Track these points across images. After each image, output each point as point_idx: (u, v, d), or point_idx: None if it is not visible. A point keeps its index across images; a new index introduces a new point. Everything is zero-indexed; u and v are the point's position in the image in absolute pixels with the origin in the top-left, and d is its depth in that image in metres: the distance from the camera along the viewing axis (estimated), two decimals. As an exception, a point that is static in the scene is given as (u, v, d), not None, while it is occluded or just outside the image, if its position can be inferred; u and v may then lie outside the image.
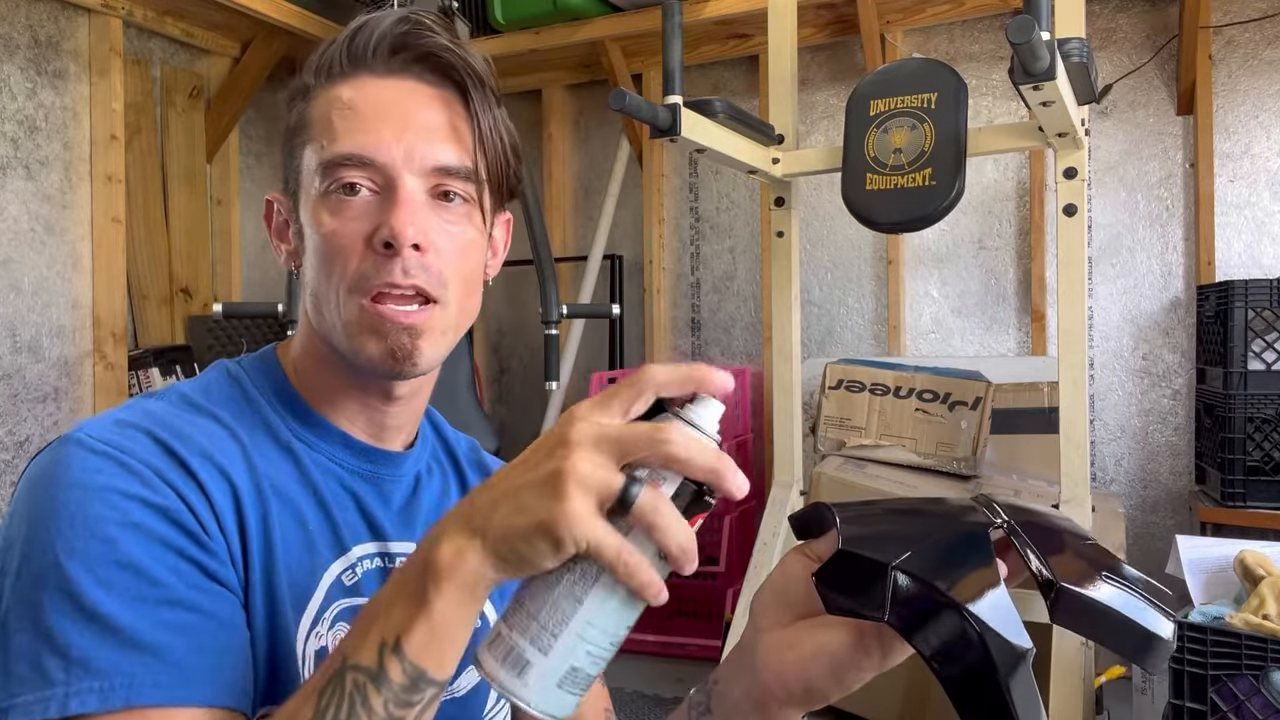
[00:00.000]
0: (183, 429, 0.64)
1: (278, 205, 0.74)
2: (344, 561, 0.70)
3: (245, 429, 0.68)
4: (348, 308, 0.66)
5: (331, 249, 0.67)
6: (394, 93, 0.69)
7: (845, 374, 2.63)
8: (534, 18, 3.16)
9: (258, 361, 0.74)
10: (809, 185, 3.28)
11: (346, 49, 0.70)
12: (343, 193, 0.66)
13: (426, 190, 0.67)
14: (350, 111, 0.67)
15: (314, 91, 0.70)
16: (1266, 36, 2.77)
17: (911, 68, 2.08)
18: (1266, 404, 2.35)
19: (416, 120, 0.68)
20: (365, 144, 0.66)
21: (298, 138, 0.70)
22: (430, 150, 0.67)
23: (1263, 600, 1.66)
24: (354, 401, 0.73)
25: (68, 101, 2.69)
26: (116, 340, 2.74)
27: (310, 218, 0.68)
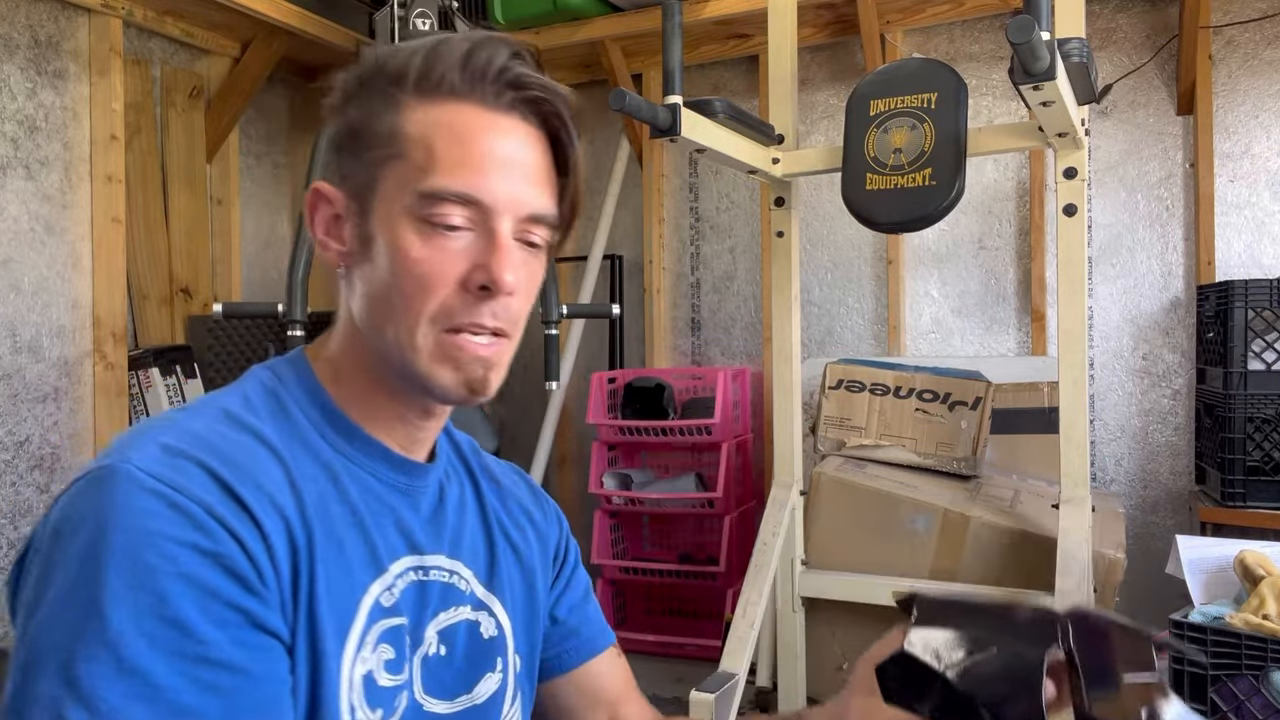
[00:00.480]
0: (231, 455, 0.63)
1: (330, 199, 0.72)
2: (382, 582, 0.69)
3: (286, 447, 0.67)
4: (426, 336, 0.67)
5: (420, 277, 0.67)
6: (504, 132, 0.69)
7: (845, 374, 2.63)
8: (534, 18, 3.16)
9: (292, 371, 0.73)
10: (809, 185, 3.28)
11: (460, 70, 0.68)
12: (440, 224, 0.67)
13: (515, 234, 0.69)
14: (460, 146, 0.67)
15: (406, 103, 0.69)
16: (1266, 36, 2.77)
17: (911, 68, 2.08)
18: (1266, 404, 2.35)
19: (521, 164, 0.69)
20: (476, 185, 0.67)
21: (381, 148, 0.68)
22: (528, 197, 0.69)
23: (1263, 600, 1.66)
24: (392, 415, 0.73)
25: (68, 101, 2.69)
26: (116, 340, 2.74)
27: (393, 237, 0.67)
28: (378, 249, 0.68)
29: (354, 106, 0.71)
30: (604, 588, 3.21)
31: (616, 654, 0.94)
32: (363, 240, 0.70)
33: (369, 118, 0.70)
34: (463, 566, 0.77)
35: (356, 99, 0.71)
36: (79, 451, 2.69)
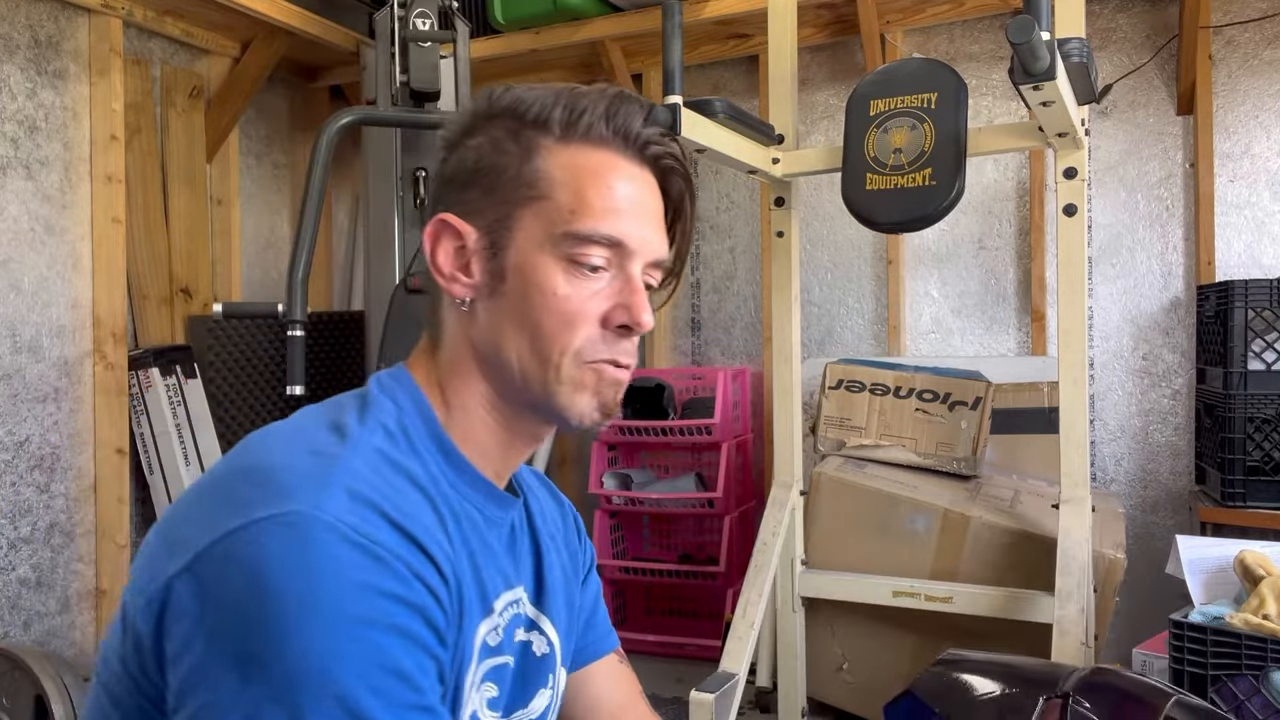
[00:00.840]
0: (403, 505, 0.64)
1: (460, 235, 0.74)
2: (489, 622, 0.72)
3: (430, 486, 0.69)
4: (566, 369, 0.71)
5: (567, 314, 0.70)
6: (640, 181, 0.74)
7: (845, 374, 2.63)
8: (534, 18, 3.16)
9: (411, 402, 0.74)
10: (809, 185, 3.28)
11: (606, 121, 0.73)
12: (584, 265, 0.71)
13: (641, 277, 0.74)
14: (608, 191, 0.72)
15: (549, 146, 0.72)
16: (1266, 36, 2.77)
17: (911, 68, 2.08)
18: (1266, 404, 2.35)
19: (654, 214, 0.75)
20: (623, 230, 0.71)
21: (521, 188, 0.72)
22: (657, 244, 0.75)
23: (1263, 600, 1.66)
24: (498, 444, 0.75)
25: (68, 101, 2.69)
26: (116, 340, 2.74)
27: (536, 274, 0.70)
28: (514, 285, 0.71)
29: (484, 145, 0.73)
30: (604, 588, 3.20)
31: (619, 660, 0.95)
32: (494, 275, 0.72)
33: (504, 157, 0.73)
34: (523, 593, 0.80)
35: (483, 136, 0.74)
36: (79, 451, 2.69)
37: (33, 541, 2.58)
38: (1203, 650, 1.65)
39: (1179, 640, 1.68)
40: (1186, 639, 1.67)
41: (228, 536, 0.59)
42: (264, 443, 0.67)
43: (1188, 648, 1.67)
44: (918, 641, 2.35)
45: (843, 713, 2.47)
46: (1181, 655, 1.67)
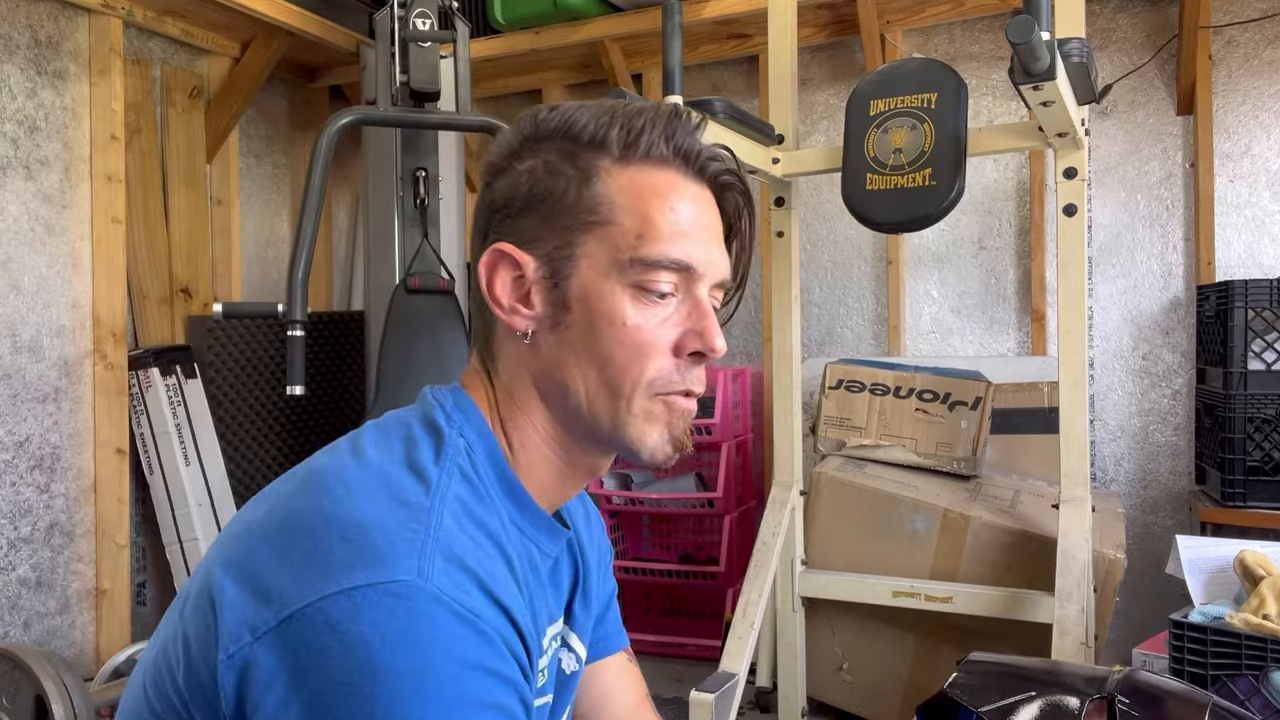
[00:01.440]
0: (492, 569, 0.62)
1: (518, 265, 0.70)
2: (540, 662, 0.71)
3: (504, 539, 0.67)
4: (640, 401, 0.68)
5: (639, 345, 0.68)
6: (705, 202, 0.72)
7: (845, 374, 2.63)
8: (534, 17, 3.16)
9: (478, 435, 0.71)
10: (809, 185, 3.28)
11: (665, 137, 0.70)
12: (653, 292, 0.68)
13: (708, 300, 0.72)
14: (673, 212, 0.69)
15: (608, 169, 0.69)
16: (1266, 36, 2.77)
17: (911, 68, 2.08)
18: (1266, 404, 2.35)
19: (716, 234, 0.73)
20: (692, 254, 0.69)
21: (582, 214, 0.69)
22: (721, 265, 0.72)
23: (1263, 600, 1.66)
24: (557, 477, 0.73)
25: (68, 101, 2.69)
26: (116, 340, 2.74)
27: (603, 304, 0.68)
28: (579, 315, 0.69)
29: (537, 169, 0.70)
30: (604, 588, 3.21)
31: (628, 659, 0.93)
32: (558, 306, 0.69)
33: (560, 181, 0.69)
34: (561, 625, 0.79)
35: (535, 159, 0.71)
36: (79, 451, 2.69)
37: (33, 541, 2.58)
38: (1203, 650, 1.65)
39: (1179, 640, 1.68)
40: (1186, 639, 1.67)
41: (324, 602, 0.56)
42: (345, 484, 0.63)
43: (1188, 648, 1.67)
44: (918, 641, 2.35)
45: (843, 713, 2.47)
46: (1181, 655, 1.67)
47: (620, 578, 3.19)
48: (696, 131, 0.72)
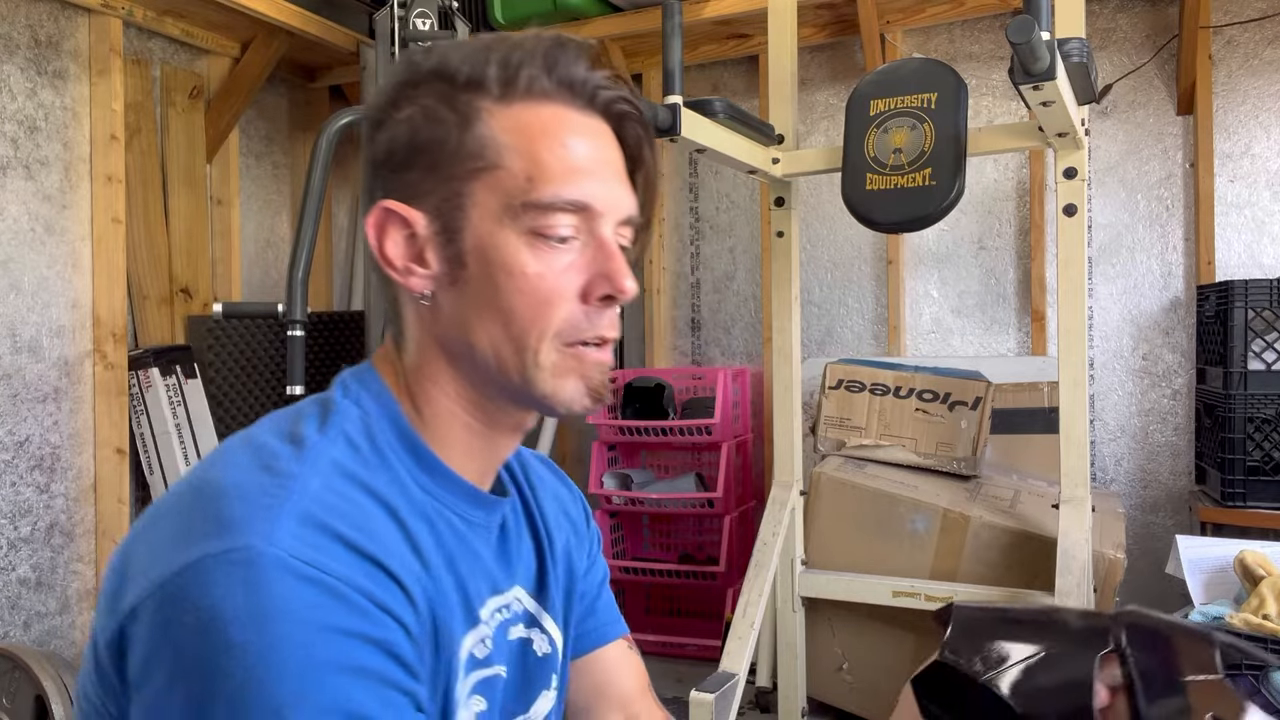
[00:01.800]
0: (363, 522, 0.59)
1: (408, 222, 0.67)
2: (475, 634, 0.68)
3: (396, 499, 0.64)
4: (548, 353, 0.65)
5: (541, 294, 0.64)
6: (601, 136, 0.68)
7: (845, 374, 2.63)
8: (534, 17, 3.16)
9: (378, 405, 0.68)
10: (809, 185, 3.28)
11: (546, 69, 0.66)
12: (552, 236, 0.64)
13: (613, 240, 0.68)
14: (564, 149, 0.65)
15: (490, 109, 0.65)
16: (1266, 36, 2.77)
17: (911, 68, 2.08)
18: (1266, 404, 2.35)
19: (616, 168, 0.68)
20: (589, 192, 0.65)
21: (467, 161, 0.65)
22: (625, 201, 0.68)
23: (1263, 600, 1.66)
24: (478, 440, 0.70)
25: (68, 101, 2.69)
26: (116, 340, 2.74)
27: (499, 255, 0.64)
28: (477, 269, 0.65)
29: (415, 117, 0.66)
30: (604, 588, 3.21)
31: (628, 646, 0.90)
32: (453, 262, 0.66)
33: (440, 128, 0.65)
34: (523, 593, 0.76)
35: (413, 107, 0.66)
36: (79, 451, 2.69)
37: (33, 541, 2.58)
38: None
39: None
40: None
41: (178, 575, 0.55)
42: (222, 459, 0.63)
43: (1188, 648, 1.67)
44: (918, 641, 2.35)
45: (843, 713, 2.47)
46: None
47: (620, 578, 3.19)
48: (581, 59, 0.67)
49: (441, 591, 0.64)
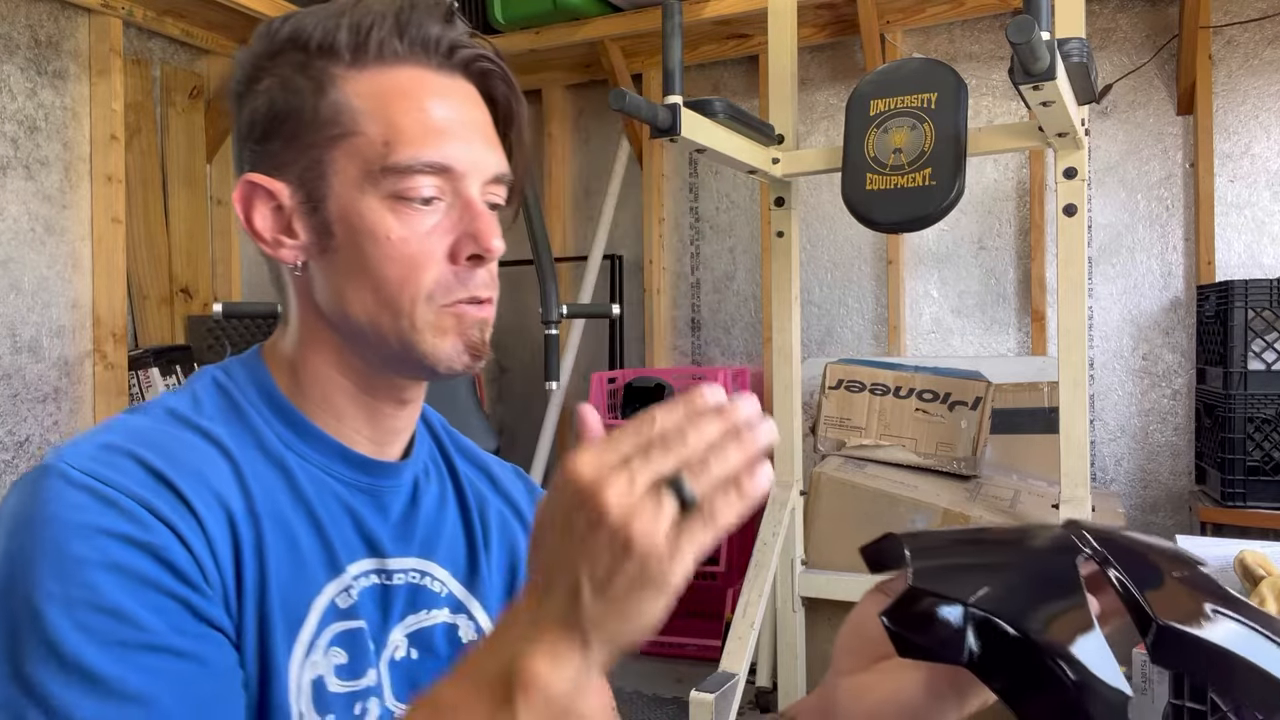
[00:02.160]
0: (172, 449, 0.61)
1: (273, 194, 0.67)
2: (339, 584, 0.67)
3: (236, 444, 0.65)
4: (423, 314, 0.65)
5: (408, 258, 0.64)
6: (459, 95, 0.67)
7: (845, 374, 2.63)
8: (534, 17, 3.16)
9: (244, 368, 0.71)
10: (809, 185, 3.28)
11: (397, 32, 0.65)
12: (414, 199, 0.64)
13: (481, 198, 0.67)
14: (420, 111, 0.64)
15: (343, 75, 0.65)
16: (1266, 36, 2.77)
17: (911, 68, 2.08)
18: (1266, 404, 2.35)
19: (479, 127, 0.67)
20: (445, 151, 0.64)
21: (324, 129, 0.65)
22: (490, 158, 0.67)
23: (1263, 600, 1.66)
24: (360, 408, 0.70)
25: (68, 101, 2.69)
26: (116, 340, 2.74)
27: (363, 221, 0.64)
28: (344, 237, 0.65)
29: (272, 87, 0.66)
30: (604, 588, 3.20)
31: None
32: (320, 231, 0.66)
33: (296, 96, 0.65)
34: (437, 568, 0.74)
35: (271, 78, 0.66)
36: (79, 451, 2.69)
37: (33, 541, 2.58)
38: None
39: (1179, 640, 1.68)
40: (1186, 639, 1.67)
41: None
42: None
43: (1188, 648, 1.67)
44: (918, 641, 2.35)
45: (843, 713, 2.47)
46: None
47: (620, 578, 3.19)
48: (433, 18, 0.66)
49: (285, 532, 0.64)
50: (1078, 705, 0.46)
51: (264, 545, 0.63)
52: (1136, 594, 0.52)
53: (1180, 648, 0.51)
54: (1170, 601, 0.52)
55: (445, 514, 0.77)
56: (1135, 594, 0.52)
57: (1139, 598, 0.51)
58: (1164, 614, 0.50)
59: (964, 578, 0.51)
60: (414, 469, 0.75)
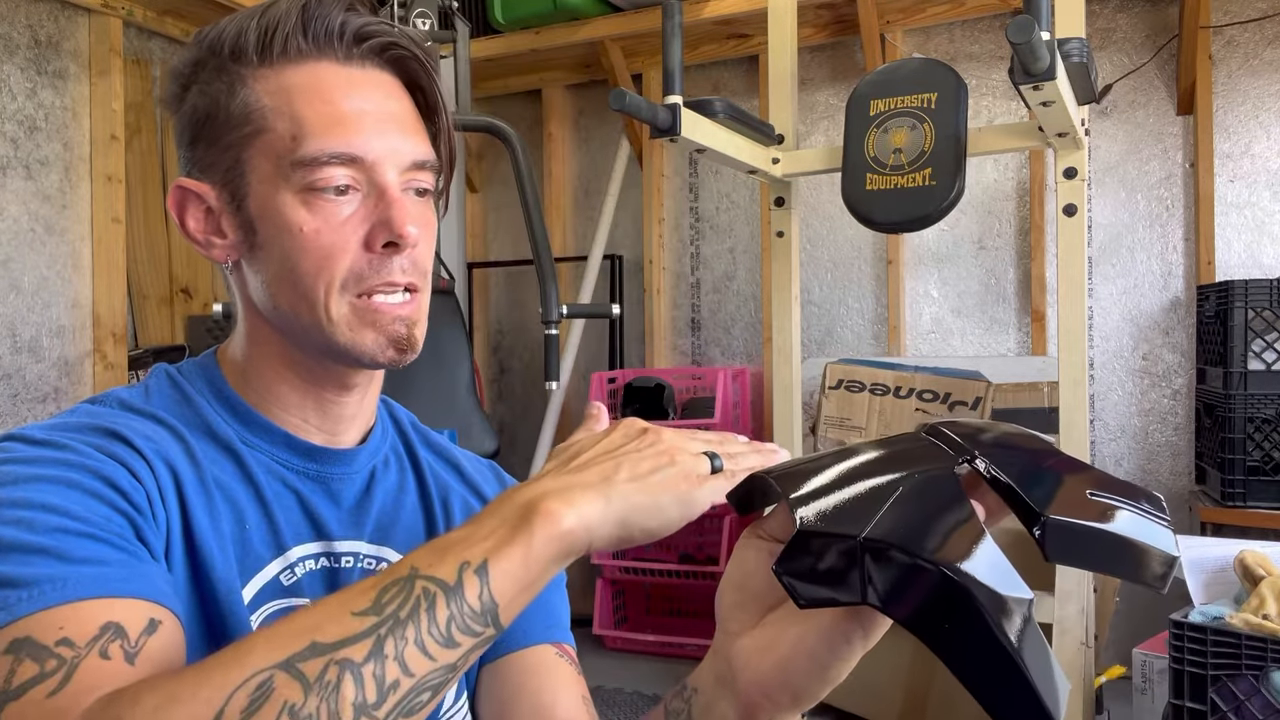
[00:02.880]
0: (125, 422, 0.64)
1: (199, 196, 0.69)
2: (282, 562, 0.68)
3: (187, 428, 0.67)
4: (338, 306, 0.66)
5: (321, 249, 0.65)
6: (365, 84, 0.68)
7: (845, 374, 2.63)
8: (534, 17, 3.16)
9: (197, 365, 0.73)
10: (809, 185, 3.28)
11: (302, 29, 0.66)
12: (325, 190, 0.65)
13: (401, 185, 0.67)
14: (324, 104, 0.65)
15: (254, 74, 0.66)
16: (1266, 36, 2.77)
17: (911, 68, 2.08)
18: (1266, 404, 2.35)
19: (390, 113, 0.68)
20: (353, 142, 0.65)
21: (243, 126, 0.66)
22: (406, 145, 0.68)
23: (1263, 600, 1.66)
24: (306, 398, 0.71)
25: (68, 101, 2.69)
26: (116, 340, 2.74)
27: (279, 216, 0.66)
28: (265, 233, 0.67)
29: (195, 93, 0.68)
30: (604, 588, 3.21)
31: (558, 654, 0.79)
32: (245, 229, 0.68)
33: (215, 100, 0.67)
34: (392, 553, 0.74)
35: (196, 84, 0.68)
36: (79, 451, 2.69)
37: (33, 541, 2.58)
38: (1203, 650, 1.65)
39: (1179, 640, 1.68)
40: (1186, 639, 1.67)
41: None
42: None
43: (1188, 648, 1.67)
44: (917, 641, 2.34)
45: (843, 713, 2.47)
46: (1181, 655, 1.67)
47: (620, 578, 3.19)
48: (336, 10, 0.67)
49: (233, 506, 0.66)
50: (980, 617, 0.45)
51: (215, 511, 0.64)
52: (1019, 490, 0.51)
53: (1070, 538, 0.50)
54: (1050, 492, 0.51)
55: (404, 501, 0.78)
56: (1018, 490, 0.51)
57: (1021, 494, 0.51)
58: (1047, 507, 0.50)
59: (849, 509, 0.49)
60: (370, 457, 0.76)
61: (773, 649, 0.57)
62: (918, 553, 0.46)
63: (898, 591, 0.47)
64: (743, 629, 0.59)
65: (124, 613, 0.52)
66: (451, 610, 0.48)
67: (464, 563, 0.49)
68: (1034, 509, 0.50)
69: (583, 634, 3.10)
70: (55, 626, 0.50)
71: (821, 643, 0.55)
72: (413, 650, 0.47)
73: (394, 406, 0.84)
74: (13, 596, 0.51)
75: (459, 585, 0.49)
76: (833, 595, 0.49)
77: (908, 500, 0.50)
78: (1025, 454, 0.55)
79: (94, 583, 0.52)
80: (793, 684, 0.56)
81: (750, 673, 0.57)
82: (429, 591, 0.48)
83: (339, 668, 0.46)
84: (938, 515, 0.49)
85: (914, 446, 0.55)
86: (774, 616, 0.58)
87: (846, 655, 0.56)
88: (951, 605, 0.46)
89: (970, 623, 0.45)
